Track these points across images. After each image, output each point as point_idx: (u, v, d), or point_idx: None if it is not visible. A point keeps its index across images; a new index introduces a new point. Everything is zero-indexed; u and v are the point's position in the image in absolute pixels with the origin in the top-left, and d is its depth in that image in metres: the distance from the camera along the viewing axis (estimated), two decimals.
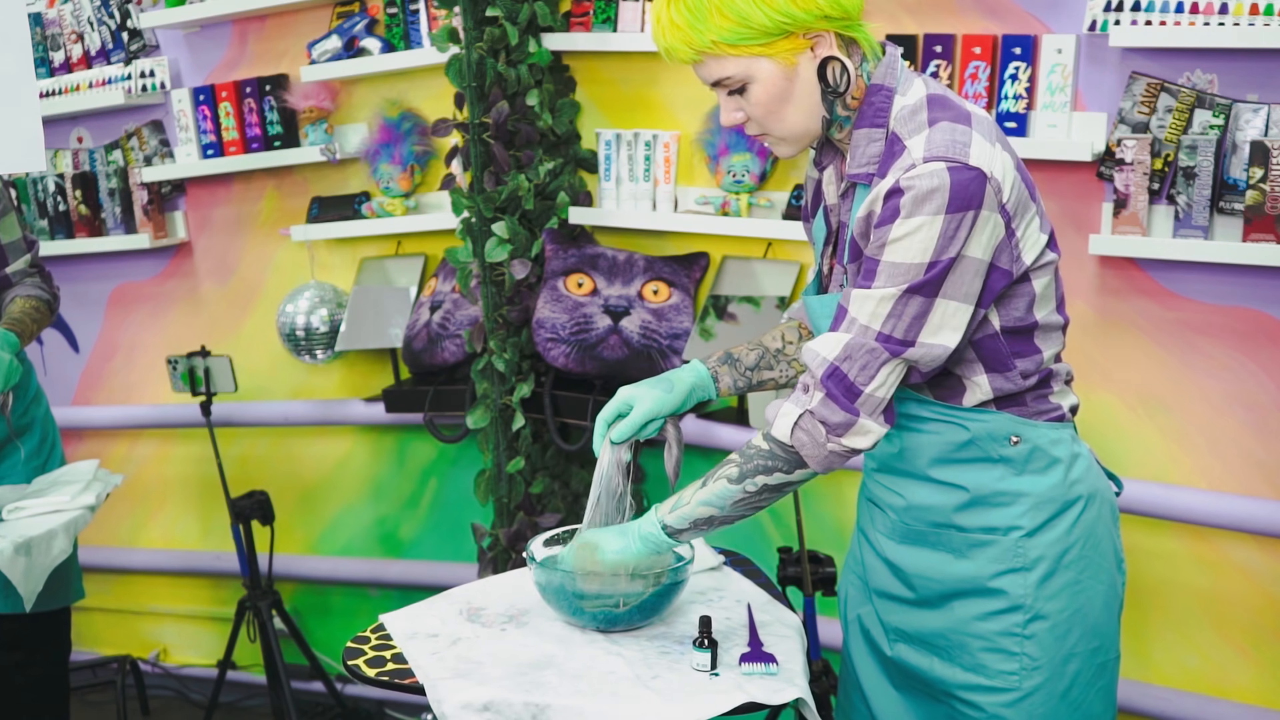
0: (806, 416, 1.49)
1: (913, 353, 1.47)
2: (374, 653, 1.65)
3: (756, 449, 1.54)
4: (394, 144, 3.13)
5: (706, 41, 1.47)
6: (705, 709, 1.47)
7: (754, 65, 1.49)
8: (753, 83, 1.50)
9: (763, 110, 1.52)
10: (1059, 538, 1.57)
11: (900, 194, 1.42)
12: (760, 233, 2.73)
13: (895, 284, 1.44)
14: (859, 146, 1.52)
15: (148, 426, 3.75)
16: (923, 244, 1.42)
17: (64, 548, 2.39)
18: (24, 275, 2.67)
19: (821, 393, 1.48)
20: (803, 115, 1.53)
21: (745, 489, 1.54)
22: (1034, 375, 1.57)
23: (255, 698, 3.66)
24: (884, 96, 1.51)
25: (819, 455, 1.50)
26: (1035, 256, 1.52)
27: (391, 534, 3.50)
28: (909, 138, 1.46)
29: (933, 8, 2.50)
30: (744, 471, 1.54)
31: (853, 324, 1.47)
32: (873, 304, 1.45)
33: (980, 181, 1.42)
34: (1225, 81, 2.28)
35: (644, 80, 2.89)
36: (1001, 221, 1.46)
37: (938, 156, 1.42)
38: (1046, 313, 1.56)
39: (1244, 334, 2.37)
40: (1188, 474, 2.45)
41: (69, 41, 3.56)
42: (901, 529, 1.66)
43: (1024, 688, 1.58)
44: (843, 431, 1.48)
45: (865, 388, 1.47)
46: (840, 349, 1.47)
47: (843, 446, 1.49)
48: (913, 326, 1.45)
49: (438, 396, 3.05)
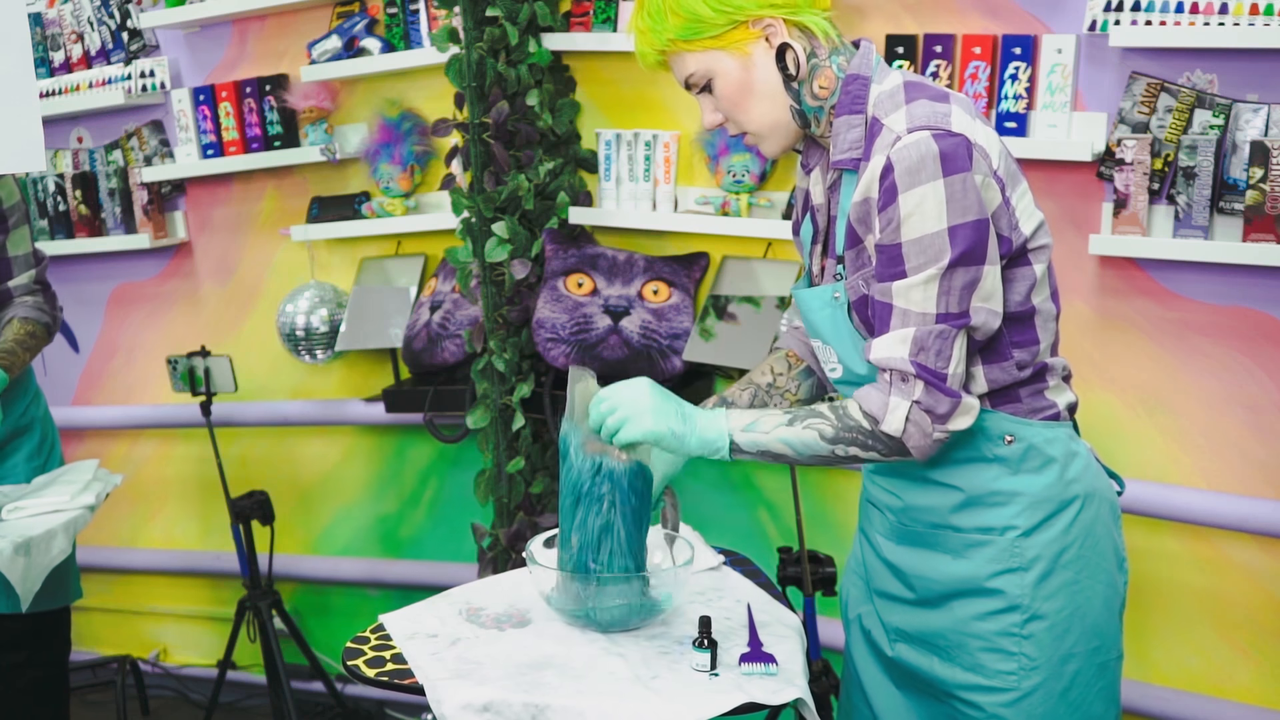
0: (914, 409, 1.48)
1: (973, 320, 1.48)
2: (374, 653, 1.65)
3: (856, 422, 1.51)
4: (394, 144, 3.13)
5: (664, 40, 1.54)
6: (705, 709, 1.47)
7: (711, 60, 1.54)
8: (715, 78, 1.56)
9: (729, 104, 1.57)
10: (1056, 537, 1.57)
11: (892, 171, 1.45)
12: (760, 233, 2.73)
13: (929, 261, 1.44)
14: (840, 134, 1.55)
15: (148, 426, 3.75)
16: (935, 211, 1.43)
17: (63, 548, 2.39)
18: (26, 291, 2.64)
19: (922, 383, 1.47)
20: (768, 106, 1.56)
21: (835, 452, 1.53)
22: (1029, 367, 1.57)
23: (255, 698, 3.66)
24: (860, 85, 1.54)
25: (925, 445, 1.50)
26: (1033, 229, 1.54)
27: (391, 534, 3.50)
28: (887, 116, 1.49)
29: (933, 8, 2.50)
30: (840, 436, 1.52)
31: (907, 316, 1.47)
32: (920, 289, 1.46)
33: (965, 146, 1.45)
34: (1225, 81, 2.28)
35: (644, 80, 2.89)
36: (996, 186, 1.48)
37: (920, 126, 1.45)
38: (1043, 299, 1.58)
39: (1244, 334, 2.37)
40: (1187, 474, 2.45)
41: (69, 41, 3.56)
42: (899, 530, 1.67)
43: (1023, 688, 1.58)
44: (947, 418, 1.48)
45: (948, 369, 1.47)
46: (910, 344, 1.47)
47: (947, 433, 1.49)
48: (964, 297, 1.47)
49: (438, 396, 3.05)
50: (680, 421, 1.55)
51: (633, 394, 1.56)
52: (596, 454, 1.61)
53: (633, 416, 1.55)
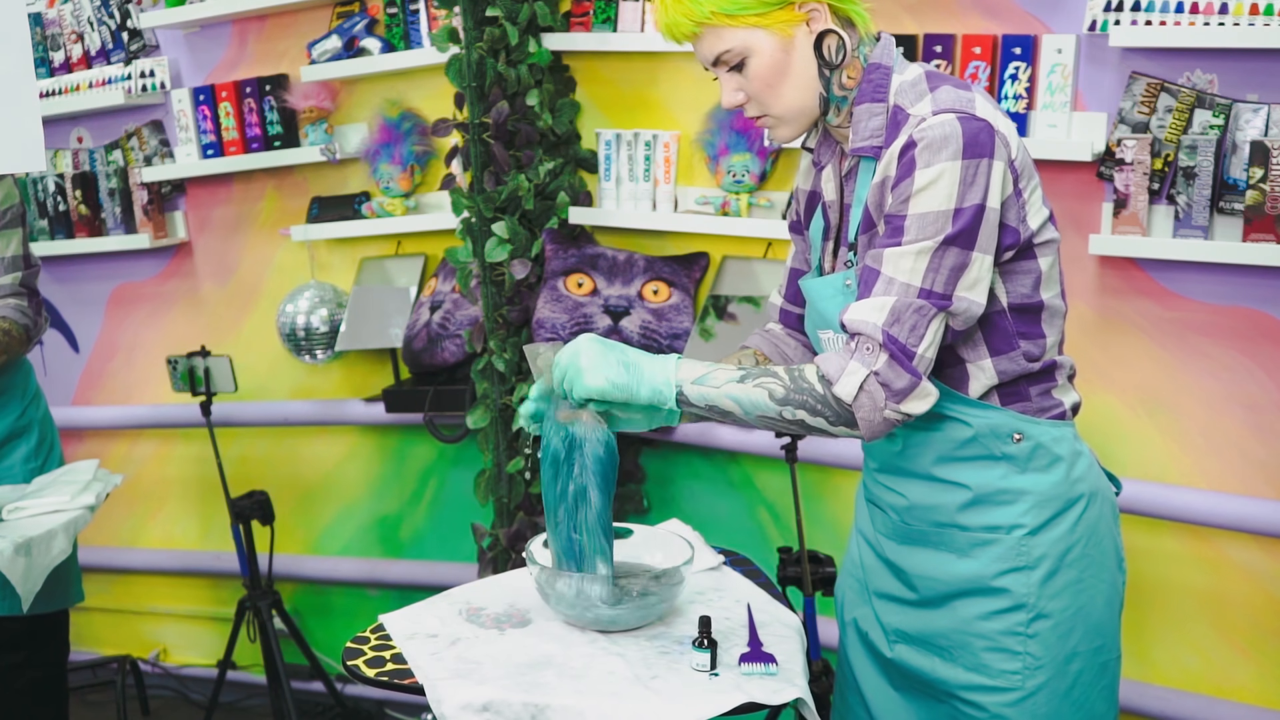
0: (871, 379, 1.45)
1: (955, 306, 1.46)
2: (373, 653, 1.65)
3: (810, 385, 1.48)
4: (394, 144, 3.13)
5: (705, 13, 1.50)
6: (705, 709, 1.46)
7: (751, 37, 1.52)
8: (751, 56, 1.53)
9: (761, 85, 1.54)
10: (1062, 536, 1.57)
11: (914, 146, 1.45)
12: (760, 233, 2.73)
13: (927, 236, 1.44)
14: (861, 121, 1.55)
15: (148, 426, 3.75)
16: (946, 190, 1.43)
17: (64, 548, 2.39)
18: (9, 293, 2.60)
19: (886, 355, 1.44)
20: (800, 91, 1.55)
21: (782, 414, 1.49)
22: (1038, 361, 1.57)
23: (255, 698, 3.66)
24: (882, 74, 1.55)
25: (874, 420, 1.46)
26: (1040, 224, 1.54)
27: (391, 534, 3.50)
28: (912, 105, 1.49)
29: (933, 8, 2.50)
30: (789, 398, 1.48)
31: (891, 284, 1.46)
32: (910, 260, 1.45)
33: (989, 131, 1.45)
34: (1225, 81, 2.28)
35: (644, 80, 2.89)
36: (1010, 176, 1.48)
37: (946, 109, 1.45)
38: (1052, 295, 1.58)
39: (1244, 334, 2.37)
40: (1187, 474, 2.45)
41: (69, 41, 3.56)
42: (903, 529, 1.66)
43: (1027, 687, 1.57)
44: (903, 397, 1.45)
45: (918, 348, 1.45)
46: (887, 313, 1.45)
47: (899, 414, 1.46)
48: (950, 279, 1.45)
49: (438, 396, 3.05)
50: (624, 371, 1.51)
51: (573, 351, 1.53)
52: (567, 421, 1.59)
53: (575, 374, 1.52)
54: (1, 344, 2.54)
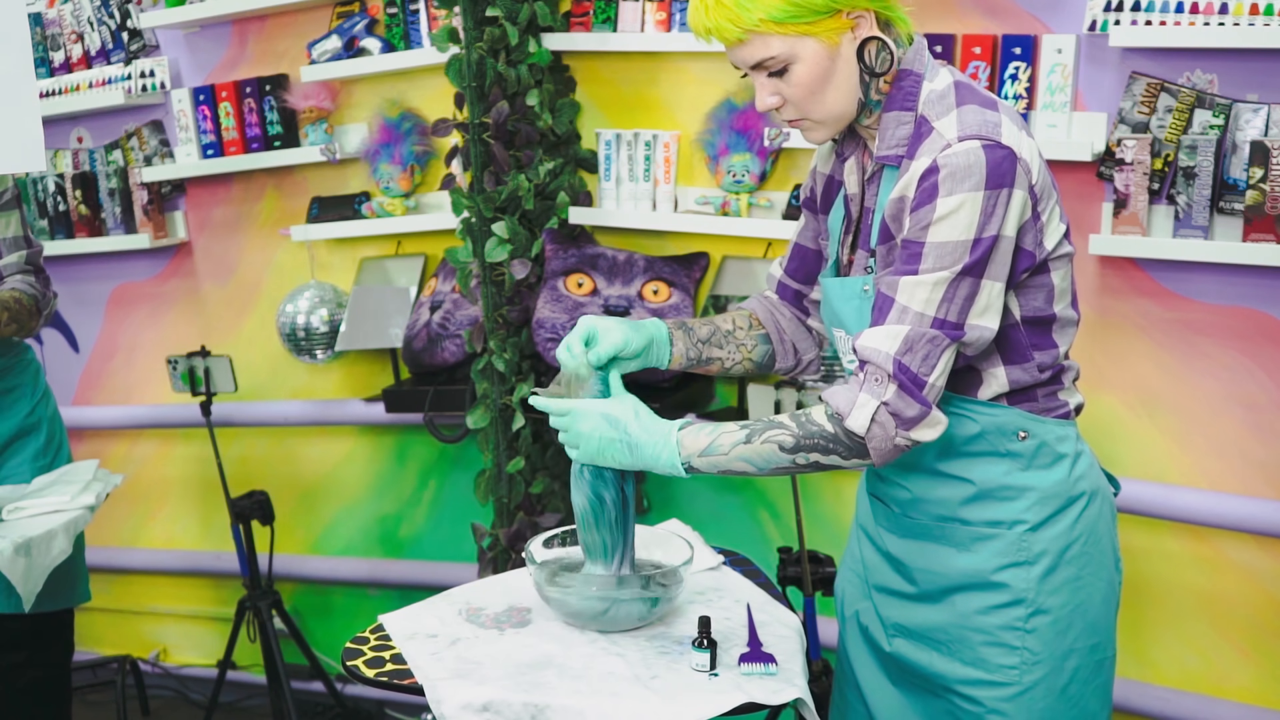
0: (881, 409, 1.46)
1: (967, 336, 1.47)
2: (373, 653, 1.65)
3: (819, 427, 1.50)
4: (394, 144, 3.13)
5: (754, 20, 1.48)
6: (705, 709, 1.46)
7: (799, 45, 1.50)
8: (796, 63, 1.51)
9: (804, 92, 1.53)
10: (1062, 533, 1.58)
11: (936, 172, 1.44)
12: (760, 233, 2.73)
13: (945, 265, 1.44)
14: (888, 129, 1.54)
15: (148, 426, 3.75)
16: (966, 221, 1.43)
17: (64, 548, 2.39)
18: (16, 271, 2.64)
19: (895, 385, 1.46)
20: (842, 96, 1.54)
21: (796, 461, 1.52)
22: (1050, 369, 1.58)
23: (255, 698, 3.66)
24: (913, 81, 1.54)
25: (885, 449, 1.48)
26: (1055, 242, 1.54)
27: (391, 534, 3.50)
28: (937, 120, 1.49)
29: (933, 8, 2.50)
30: (800, 444, 1.51)
31: (906, 313, 1.46)
32: (926, 290, 1.45)
33: (1012, 160, 1.44)
34: (1225, 81, 2.28)
35: (644, 80, 2.89)
36: (1030, 202, 1.48)
37: (972, 135, 1.45)
38: (1064, 307, 1.58)
39: (1244, 334, 2.37)
40: (1187, 474, 2.45)
41: (69, 41, 3.56)
42: (905, 523, 1.66)
43: (1024, 682, 1.58)
44: (913, 425, 1.46)
45: (929, 378, 1.46)
46: (900, 342, 1.46)
47: (910, 441, 1.47)
48: (964, 309, 1.46)
49: (438, 396, 3.05)
50: (627, 453, 1.57)
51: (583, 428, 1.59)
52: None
53: (580, 446, 1.60)
54: (12, 311, 2.57)
